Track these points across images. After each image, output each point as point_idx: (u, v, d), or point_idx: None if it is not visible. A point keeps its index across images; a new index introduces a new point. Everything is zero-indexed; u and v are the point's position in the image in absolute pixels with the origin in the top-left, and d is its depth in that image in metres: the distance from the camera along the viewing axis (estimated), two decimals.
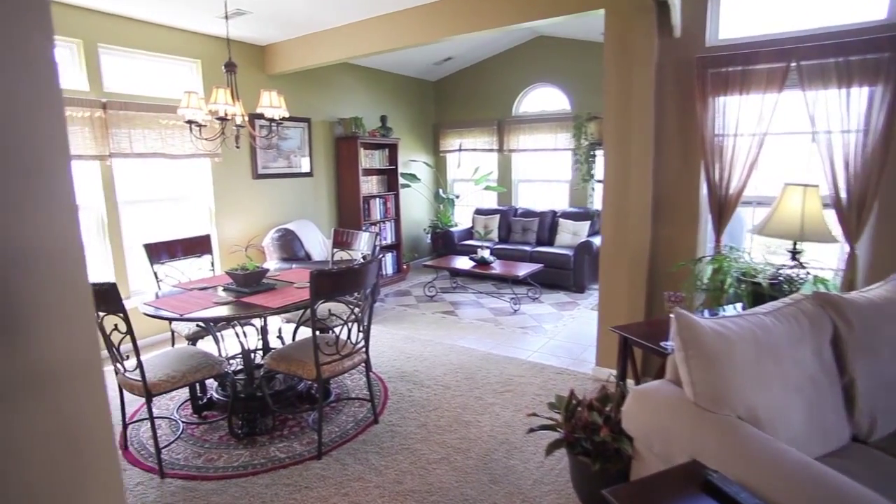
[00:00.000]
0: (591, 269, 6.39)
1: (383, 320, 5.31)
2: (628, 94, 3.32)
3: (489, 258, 5.87)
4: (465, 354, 4.32)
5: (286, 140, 5.85)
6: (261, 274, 3.30)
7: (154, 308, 2.90)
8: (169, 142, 4.67)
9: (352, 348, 2.92)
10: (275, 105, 3.09)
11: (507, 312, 5.54)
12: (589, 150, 3.68)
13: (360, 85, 6.81)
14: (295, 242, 5.28)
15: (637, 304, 3.49)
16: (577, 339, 4.72)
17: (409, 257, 7.61)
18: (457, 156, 8.08)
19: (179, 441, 3.03)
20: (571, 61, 6.86)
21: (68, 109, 4.02)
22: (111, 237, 4.45)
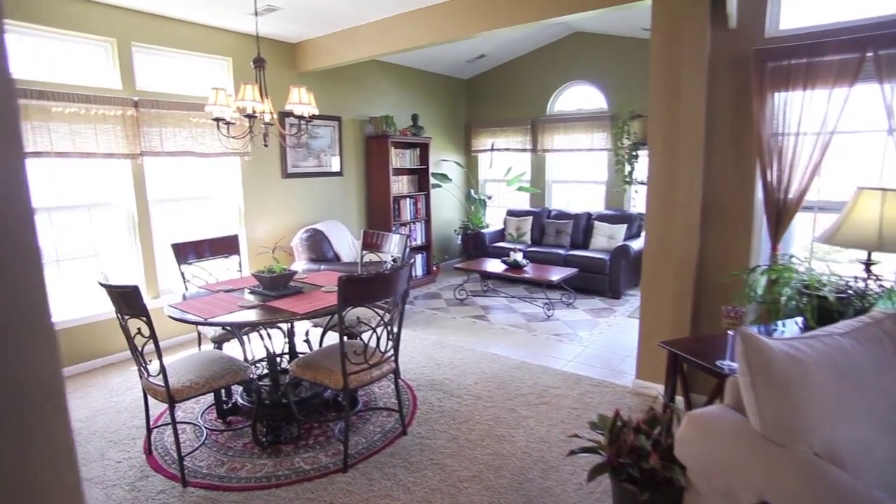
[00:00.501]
0: (628, 274, 6.14)
1: (413, 324, 5.18)
2: (677, 92, 3.11)
3: (522, 261, 5.69)
4: (497, 362, 4.16)
5: (316, 139, 5.78)
6: (288, 277, 3.20)
7: (179, 311, 2.82)
8: (199, 140, 4.63)
9: (380, 357, 2.79)
10: (304, 102, 2.98)
11: (540, 318, 5.35)
12: (631, 151, 3.46)
13: (392, 83, 6.71)
14: (324, 243, 5.19)
15: (682, 315, 3.26)
16: (614, 348, 4.50)
17: (439, 259, 7.47)
18: (489, 156, 7.90)
19: (203, 447, 2.95)
20: (608, 58, 6.61)
21: (101, 108, 4.01)
22: (141, 236, 4.44)
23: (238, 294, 3.21)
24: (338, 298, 2.46)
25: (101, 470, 2.78)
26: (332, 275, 3.69)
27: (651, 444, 2.08)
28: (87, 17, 3.97)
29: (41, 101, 3.72)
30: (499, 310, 5.67)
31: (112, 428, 3.23)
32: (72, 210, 4.11)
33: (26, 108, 3.66)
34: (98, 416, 3.39)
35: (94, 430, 3.21)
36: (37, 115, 3.72)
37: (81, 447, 3.01)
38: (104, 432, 3.18)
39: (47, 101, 3.75)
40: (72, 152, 3.90)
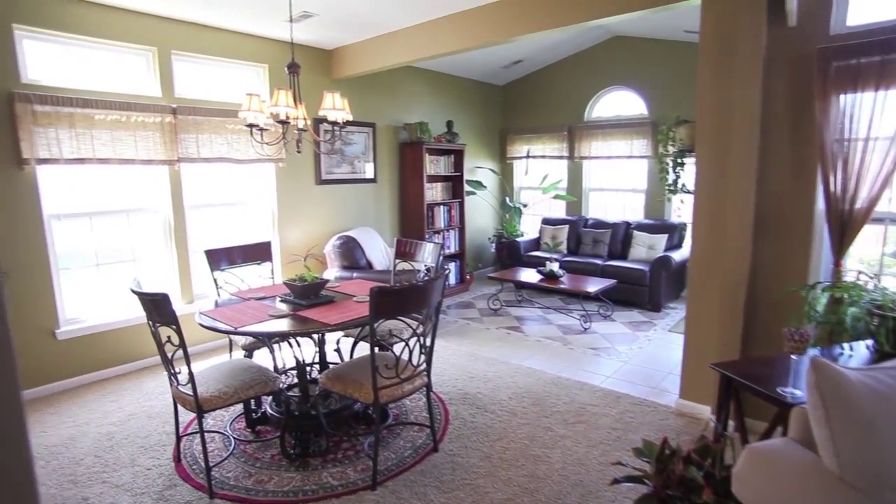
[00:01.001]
0: (669, 286, 5.90)
1: (445, 334, 5.07)
2: (728, 95, 2.92)
3: (558, 272, 5.52)
4: (532, 377, 4.00)
5: (350, 145, 5.75)
6: (319, 285, 3.13)
7: (210, 319, 2.79)
8: (235, 147, 4.65)
9: (413, 371, 2.68)
10: (338, 107, 2.92)
11: (576, 330, 5.16)
12: (677, 158, 3.28)
13: (426, 89, 6.65)
14: (356, 250, 5.15)
15: (731, 334, 3.05)
16: (655, 364, 4.29)
17: (472, 267, 7.35)
18: (524, 163, 7.76)
19: (231, 458, 2.90)
20: (649, 63, 6.40)
21: (141, 115, 4.05)
22: (177, 241, 4.47)
23: (269, 302, 3.16)
24: (370, 310, 2.37)
25: (131, 477, 2.75)
26: (364, 284, 3.62)
27: (703, 477, 1.91)
28: (130, 27, 4.03)
29: (86, 109, 3.78)
30: (533, 321, 5.51)
31: (143, 433, 3.22)
32: (111, 215, 4.17)
33: (71, 116, 3.73)
34: (131, 421, 3.39)
35: (127, 434, 3.21)
36: (81, 122, 3.78)
37: (113, 452, 3.00)
38: (136, 437, 3.17)
39: (91, 109, 3.81)
40: (112, 159, 3.96)
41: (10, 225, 3.60)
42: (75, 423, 3.39)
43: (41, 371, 3.81)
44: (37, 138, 3.61)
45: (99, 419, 3.43)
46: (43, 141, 3.64)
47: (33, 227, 3.71)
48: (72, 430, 3.29)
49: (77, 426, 3.34)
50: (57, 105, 3.66)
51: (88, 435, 3.22)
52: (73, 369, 3.95)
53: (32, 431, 3.27)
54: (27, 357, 3.73)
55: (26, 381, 3.74)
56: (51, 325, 3.85)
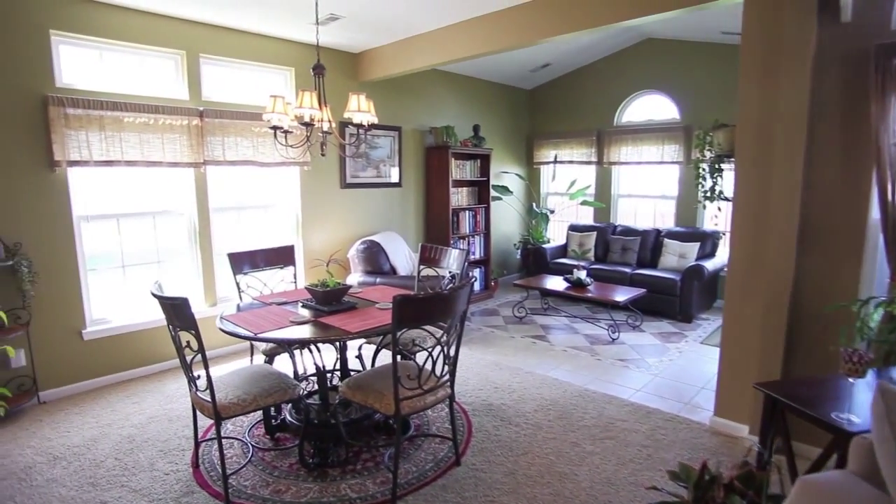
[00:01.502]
0: (701, 296, 5.69)
1: (469, 342, 4.97)
2: (773, 97, 2.76)
3: (585, 280, 5.37)
4: (559, 388, 3.87)
5: (376, 149, 5.71)
6: (341, 291, 3.07)
7: (231, 324, 2.74)
8: (260, 150, 4.64)
9: (435, 382, 2.59)
10: (363, 110, 2.85)
11: (604, 341, 5.00)
12: (714, 163, 3.13)
13: (453, 93, 6.58)
14: (380, 255, 5.09)
15: (773, 350, 2.87)
16: (686, 377, 4.11)
17: (497, 273, 7.24)
18: (551, 168, 7.62)
19: (249, 465, 2.85)
20: (682, 66, 6.22)
21: (169, 118, 4.07)
22: (201, 244, 4.47)
23: (291, 307, 3.11)
24: (392, 319, 2.28)
25: (149, 482, 2.72)
26: (387, 290, 3.55)
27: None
28: (159, 30, 4.06)
29: (115, 111, 3.81)
30: (560, 330, 5.36)
31: (163, 437, 3.19)
32: (138, 217, 4.19)
33: (101, 118, 3.76)
34: (151, 424, 3.37)
35: (147, 437, 3.19)
36: (111, 125, 3.81)
37: (133, 455, 2.98)
38: (156, 441, 3.14)
39: (121, 112, 3.83)
40: (140, 161, 3.97)
41: (41, 226, 3.64)
42: (98, 423, 3.39)
43: (68, 371, 3.83)
44: (68, 141, 3.64)
45: (121, 420, 3.42)
46: (74, 143, 3.67)
47: (63, 228, 3.74)
48: (94, 430, 3.29)
49: (100, 427, 3.34)
50: (88, 108, 3.69)
51: (110, 436, 3.21)
52: (98, 369, 3.96)
53: (57, 431, 3.28)
54: (55, 357, 3.76)
55: (54, 380, 3.77)
56: (78, 325, 3.87)
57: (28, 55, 3.50)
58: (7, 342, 3.40)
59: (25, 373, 3.66)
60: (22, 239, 3.56)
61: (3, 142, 3.44)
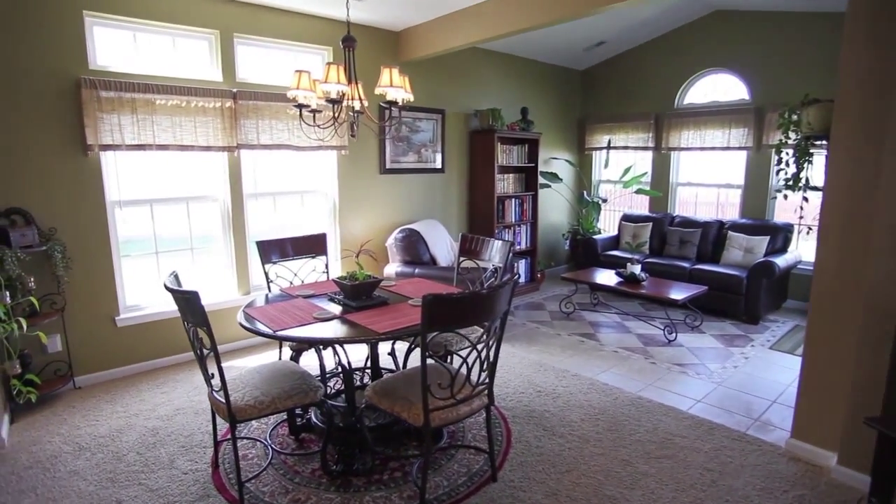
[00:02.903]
0: (769, 296, 5.17)
1: (512, 338, 4.67)
2: (883, 68, 2.31)
3: (639, 275, 4.95)
4: (608, 395, 3.53)
5: (417, 133, 5.44)
6: (372, 285, 2.83)
7: (251, 319, 2.55)
8: (296, 133, 4.45)
9: (471, 391, 2.31)
10: (396, 84, 2.58)
11: (659, 342, 4.60)
12: (802, 146, 2.69)
13: (499, 74, 6.21)
14: (420, 244, 4.84)
15: (871, 369, 2.43)
16: (754, 388, 3.68)
17: (544, 265, 6.87)
18: (604, 154, 7.15)
19: (270, 468, 2.67)
20: (754, 39, 5.63)
21: (202, 100, 3.93)
22: (235, 231, 4.34)
23: (318, 300, 2.90)
24: (422, 321, 2.02)
25: (167, 481, 2.58)
26: (423, 284, 3.30)
27: None
28: (193, 9, 3.91)
29: (147, 94, 3.69)
30: (610, 328, 4.98)
31: (187, 431, 3.07)
32: (171, 203, 4.09)
33: (133, 101, 3.65)
34: (177, 416, 3.26)
35: (171, 431, 3.07)
36: (143, 108, 3.69)
37: (155, 450, 2.86)
38: (179, 435, 3.02)
39: (153, 94, 3.71)
40: (172, 145, 3.86)
41: (75, 211, 3.58)
42: (126, 413, 3.31)
43: (102, 357, 3.79)
44: (101, 124, 3.55)
45: (148, 411, 3.33)
46: (106, 127, 3.57)
47: (97, 213, 3.68)
48: (121, 420, 3.21)
49: (127, 417, 3.25)
50: (120, 91, 3.58)
51: (135, 428, 3.11)
52: (130, 357, 3.91)
53: (87, 419, 3.22)
54: (89, 343, 3.72)
55: (88, 366, 3.73)
56: (112, 311, 3.82)
57: (61, 36, 3.41)
58: (42, 328, 3.35)
59: (61, 358, 3.63)
60: (56, 224, 3.51)
61: (36, 126, 3.38)
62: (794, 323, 5.15)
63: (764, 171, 5.75)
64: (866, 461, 2.47)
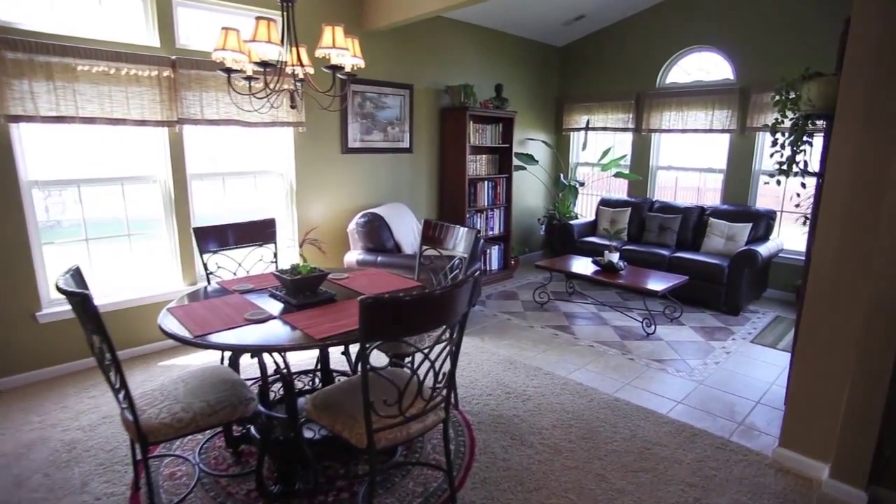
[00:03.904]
0: (750, 285, 4.97)
1: (482, 331, 4.37)
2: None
3: (617, 263, 4.68)
4: (583, 396, 3.26)
5: (383, 109, 5.04)
6: (317, 279, 2.48)
7: (172, 320, 2.19)
8: (246, 108, 4.01)
9: (424, 406, 1.99)
10: (340, 46, 2.20)
11: (637, 335, 4.35)
12: (801, 126, 2.40)
13: (472, 48, 5.82)
14: (383, 230, 4.48)
15: (872, 374, 2.19)
16: (737, 387, 3.45)
17: (518, 251, 6.58)
18: (582, 135, 6.83)
19: (199, 489, 2.33)
20: (740, 14, 5.34)
21: (134, 67, 3.48)
22: (179, 215, 3.92)
23: (258, 296, 2.55)
24: (359, 330, 1.68)
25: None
26: (379, 277, 2.95)
27: None
28: None
29: (66, 57, 3.22)
30: (586, 319, 4.72)
31: (111, 444, 2.70)
32: (103, 184, 3.65)
33: (48, 65, 3.18)
34: (102, 426, 2.88)
35: (92, 445, 2.70)
36: (61, 74, 3.23)
37: (68, 470, 2.49)
38: (100, 450, 2.65)
39: (73, 59, 3.25)
40: (99, 118, 3.41)
41: None
42: (42, 424, 2.91)
43: (19, 358, 3.37)
44: (7, 91, 3.08)
45: (68, 421, 2.94)
46: (16, 95, 3.11)
47: (9, 195, 3.23)
48: (34, 433, 2.81)
49: (42, 428, 2.86)
50: (31, 52, 3.11)
51: (49, 441, 2.73)
52: (54, 357, 3.50)
53: None
54: (5, 343, 3.30)
55: (5, 368, 3.31)
56: (32, 306, 3.39)
57: None
58: None
59: None
60: None
61: None
62: (774, 314, 4.96)
63: (747, 156, 5.51)
64: (862, 475, 2.24)
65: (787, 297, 5.33)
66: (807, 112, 2.35)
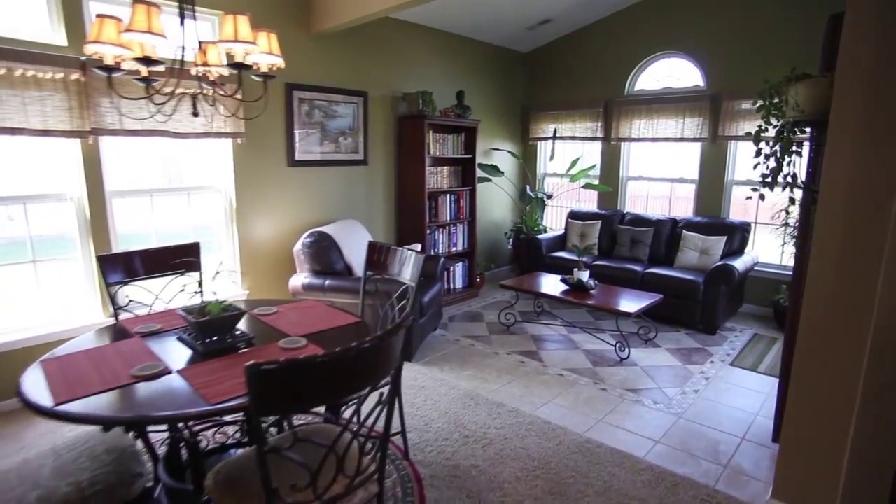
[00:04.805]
0: (728, 302, 4.71)
1: (442, 359, 3.99)
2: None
3: (587, 282, 4.37)
4: (551, 438, 2.90)
5: (335, 118, 4.65)
6: (230, 320, 2.07)
7: (38, 377, 1.75)
8: (175, 117, 3.58)
9: (347, 485, 1.60)
10: (245, 40, 1.81)
11: (609, 360, 4.02)
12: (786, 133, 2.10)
13: (432, 53, 5.48)
14: (332, 251, 4.07)
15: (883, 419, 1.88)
16: (719, 420, 3.14)
17: (484, 267, 6.23)
18: (550, 145, 6.54)
19: None
20: (710, 20, 5.14)
21: (31, 68, 3.01)
22: (96, 237, 3.45)
23: (161, 340, 2.13)
24: (249, 402, 1.29)
25: None
26: (315, 310, 2.55)
27: None
28: None
29: None
30: (555, 343, 4.38)
31: None
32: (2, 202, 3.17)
33: None
34: None
35: None
36: None
37: None
38: None
39: None
40: None
41: None
42: None
43: None
44: None
45: None
46: None
47: None
48: None
49: None
50: None
51: None
52: None
53: None
54: None
55: None
56: None
57: None
58: None
59: None
60: None
61: None
62: (752, 331, 4.71)
63: (719, 165, 5.29)
64: None
65: (765, 312, 5.10)
66: (796, 118, 2.05)
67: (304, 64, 4.36)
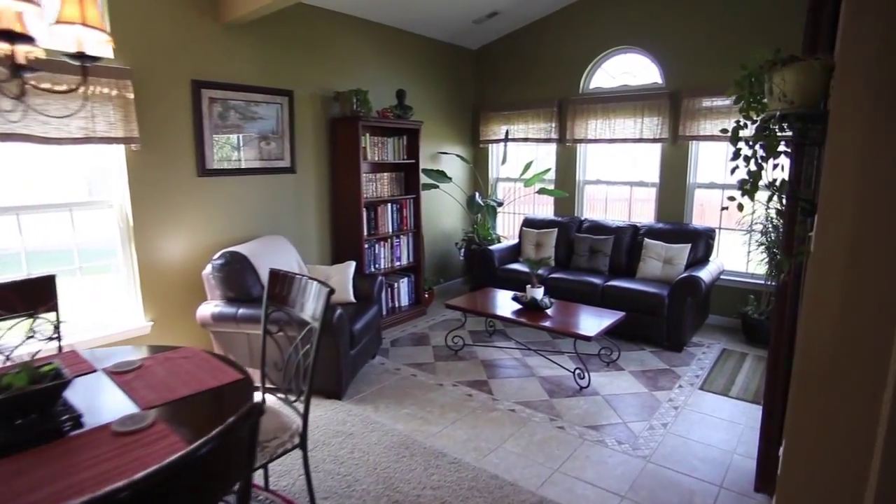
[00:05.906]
0: (694, 316, 4.35)
1: (377, 395, 3.47)
2: None
3: (543, 301, 3.92)
4: (498, 499, 2.41)
5: (254, 120, 4.07)
6: (47, 396, 1.50)
7: None
8: (39, 118, 2.95)
9: None
10: None
11: (568, 389, 3.58)
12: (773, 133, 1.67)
13: (368, 48, 4.96)
14: (247, 274, 3.49)
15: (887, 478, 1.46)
16: (692, 463, 2.72)
17: (432, 282, 5.73)
18: (501, 147, 6.10)
19: None
20: (668, 13, 4.80)
21: None
22: None
23: None
24: None
25: None
26: (189, 365, 1.99)
27: None
28: None
29: None
30: (507, 369, 3.91)
31: None
32: None
33: None
34: None
35: None
36: None
37: None
38: None
39: None
40: None
41: None
42: None
43: None
44: None
45: None
46: None
47: None
48: None
49: None
50: None
51: None
52: None
53: None
54: None
55: None
56: None
57: None
58: None
59: None
60: None
61: None
62: (720, 346, 4.36)
63: (681, 167, 4.95)
64: None
65: (732, 323, 4.77)
66: (783, 111, 1.62)
67: (215, 58, 3.78)
